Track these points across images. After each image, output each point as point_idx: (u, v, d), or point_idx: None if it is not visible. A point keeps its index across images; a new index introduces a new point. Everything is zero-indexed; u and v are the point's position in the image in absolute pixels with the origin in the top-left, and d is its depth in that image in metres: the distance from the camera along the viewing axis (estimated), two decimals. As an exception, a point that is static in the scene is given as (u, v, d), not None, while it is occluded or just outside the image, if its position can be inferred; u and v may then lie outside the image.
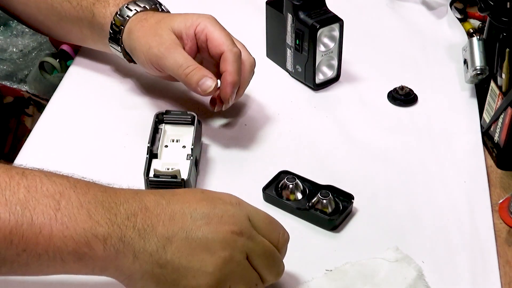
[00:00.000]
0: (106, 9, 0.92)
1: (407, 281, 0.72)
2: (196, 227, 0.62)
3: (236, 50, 0.85)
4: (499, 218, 0.79)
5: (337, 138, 0.93)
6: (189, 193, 0.66)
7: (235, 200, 0.66)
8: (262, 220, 0.67)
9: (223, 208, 0.64)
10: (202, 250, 0.62)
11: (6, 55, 1.94)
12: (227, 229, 0.63)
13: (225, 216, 0.64)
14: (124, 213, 0.62)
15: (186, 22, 0.87)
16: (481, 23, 1.16)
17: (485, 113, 0.93)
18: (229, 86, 0.84)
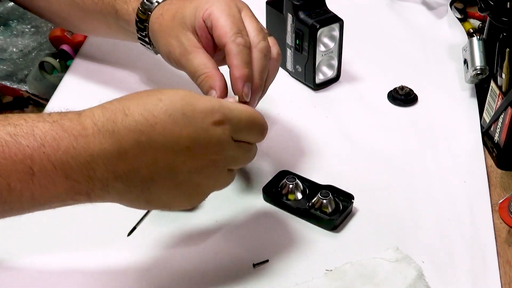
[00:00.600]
0: (128, 5, 0.87)
1: (407, 281, 0.72)
2: (181, 163, 0.63)
3: (240, 40, 0.75)
4: (499, 218, 0.79)
5: (337, 138, 0.93)
6: (171, 121, 0.63)
7: (218, 117, 0.65)
8: (245, 129, 0.68)
9: (207, 137, 0.64)
10: (187, 186, 0.65)
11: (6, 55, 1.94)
12: (211, 158, 0.65)
13: (209, 146, 0.64)
14: (102, 165, 0.61)
15: (195, 12, 0.79)
16: (481, 23, 1.16)
17: (485, 113, 0.93)
18: (238, 81, 0.75)
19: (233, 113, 0.66)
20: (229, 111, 0.65)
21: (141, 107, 0.62)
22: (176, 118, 0.62)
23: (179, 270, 0.74)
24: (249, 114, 0.67)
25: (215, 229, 0.79)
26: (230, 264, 0.75)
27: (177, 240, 0.78)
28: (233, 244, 0.77)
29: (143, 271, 0.74)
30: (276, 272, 0.74)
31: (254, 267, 0.74)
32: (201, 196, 0.69)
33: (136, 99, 0.63)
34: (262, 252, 0.76)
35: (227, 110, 0.65)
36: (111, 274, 0.73)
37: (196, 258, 0.76)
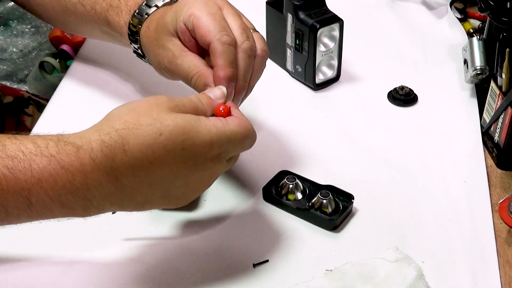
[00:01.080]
0: (120, 17, 0.86)
1: (407, 281, 0.72)
2: (175, 188, 0.66)
3: (225, 38, 0.73)
4: (499, 218, 0.79)
5: (337, 138, 0.93)
6: (170, 157, 0.64)
7: (217, 151, 0.67)
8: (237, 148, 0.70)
9: (204, 168, 0.66)
10: (178, 195, 0.68)
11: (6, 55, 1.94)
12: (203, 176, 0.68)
13: (205, 173, 0.67)
14: (99, 196, 0.63)
15: (176, 16, 0.77)
16: (481, 23, 1.16)
17: (485, 113, 0.93)
18: (222, 81, 0.73)
19: (230, 140, 0.67)
20: (227, 141, 0.67)
21: (140, 141, 0.62)
22: (175, 154, 0.64)
23: (179, 270, 0.74)
24: (243, 134, 0.68)
25: (215, 229, 0.79)
26: (230, 264, 0.75)
27: (177, 240, 0.77)
28: (233, 244, 0.77)
29: (143, 271, 0.74)
30: (276, 272, 0.74)
31: (254, 267, 0.74)
32: (193, 197, 0.71)
33: (135, 131, 0.63)
34: (262, 252, 0.76)
35: (225, 141, 0.66)
36: (111, 274, 0.73)
37: (196, 258, 0.76)
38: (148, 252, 0.76)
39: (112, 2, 0.87)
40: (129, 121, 0.63)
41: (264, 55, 0.78)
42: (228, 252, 0.76)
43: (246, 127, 0.69)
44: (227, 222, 0.80)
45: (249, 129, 0.69)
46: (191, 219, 0.80)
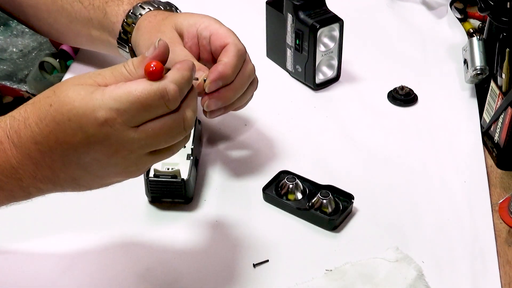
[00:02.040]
0: (120, 7, 0.89)
1: (407, 281, 0.72)
2: (91, 162, 0.62)
3: (241, 46, 0.78)
4: (499, 218, 0.79)
5: (337, 138, 0.93)
6: (60, 130, 0.61)
7: (102, 115, 0.60)
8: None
9: (100, 137, 0.61)
10: (111, 173, 0.64)
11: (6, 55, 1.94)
12: (118, 153, 0.62)
13: (108, 144, 0.61)
14: (25, 175, 0.63)
15: (190, 20, 0.82)
16: (481, 23, 1.16)
17: (485, 113, 0.93)
18: (215, 74, 0.74)
19: (119, 101, 0.60)
20: (114, 102, 0.60)
21: (36, 114, 0.62)
22: (64, 127, 0.61)
23: (179, 270, 0.74)
24: (139, 95, 0.60)
25: (215, 229, 0.79)
26: (230, 264, 0.75)
27: (177, 240, 0.78)
28: (233, 244, 0.77)
29: (143, 271, 0.74)
30: (276, 272, 0.74)
31: (254, 267, 0.74)
32: (137, 172, 0.66)
33: (36, 105, 0.62)
34: (262, 252, 0.76)
35: (111, 102, 0.60)
36: (111, 274, 0.73)
37: (196, 258, 0.76)
38: (148, 252, 0.76)
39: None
40: (39, 96, 0.63)
41: (256, 86, 0.83)
42: (228, 252, 0.76)
43: (145, 88, 0.60)
44: (227, 222, 0.80)
45: (149, 92, 0.60)
46: (191, 219, 0.80)
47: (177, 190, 0.79)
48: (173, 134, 0.63)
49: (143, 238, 0.78)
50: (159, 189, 0.80)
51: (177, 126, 0.62)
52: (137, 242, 0.77)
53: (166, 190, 0.80)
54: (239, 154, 0.90)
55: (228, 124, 0.94)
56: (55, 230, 0.78)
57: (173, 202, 0.81)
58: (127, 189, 0.84)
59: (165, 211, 0.81)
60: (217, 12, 1.21)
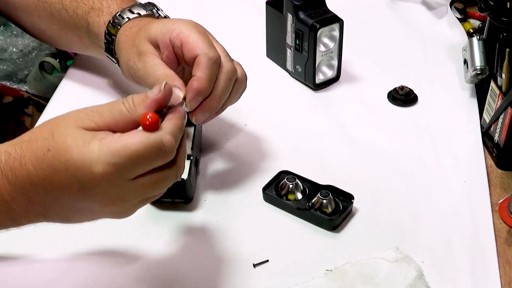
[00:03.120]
0: (100, 18, 0.88)
1: (407, 281, 0.72)
2: (84, 207, 0.63)
3: (212, 54, 0.74)
4: (499, 218, 0.79)
5: (337, 138, 0.93)
6: (57, 177, 0.61)
7: (99, 169, 0.60)
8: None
9: (95, 189, 0.61)
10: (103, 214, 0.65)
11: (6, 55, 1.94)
12: (112, 202, 0.63)
13: (102, 195, 0.62)
14: (18, 207, 0.63)
15: (162, 28, 0.78)
16: (481, 23, 1.16)
17: (485, 113, 0.93)
18: (192, 92, 0.73)
19: (117, 156, 0.59)
20: (111, 157, 0.59)
21: (33, 156, 0.61)
22: (61, 175, 0.61)
23: (179, 270, 0.74)
24: (137, 149, 0.59)
25: (215, 229, 0.79)
26: (230, 264, 0.75)
27: (177, 240, 0.78)
28: (233, 244, 0.77)
29: (143, 271, 0.74)
30: (276, 272, 0.74)
31: (254, 267, 0.74)
32: (127, 215, 0.66)
33: (33, 144, 0.62)
34: (262, 252, 0.76)
35: (108, 157, 0.59)
36: (111, 274, 0.73)
37: (196, 258, 0.76)
38: (148, 252, 0.76)
39: (94, 5, 0.90)
40: (35, 133, 0.63)
41: (244, 80, 0.80)
42: (228, 252, 0.76)
43: (143, 142, 0.60)
44: (227, 222, 0.80)
45: (147, 143, 0.60)
46: (191, 219, 0.80)
47: (177, 190, 0.79)
48: (168, 183, 0.64)
49: (143, 238, 0.78)
50: None
51: (172, 175, 0.63)
52: (137, 242, 0.77)
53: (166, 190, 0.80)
54: (239, 154, 0.90)
55: (228, 124, 0.94)
56: (55, 230, 0.78)
57: (173, 202, 0.81)
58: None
59: (165, 211, 0.81)
60: (218, 12, 1.22)
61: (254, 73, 1.05)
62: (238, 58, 1.08)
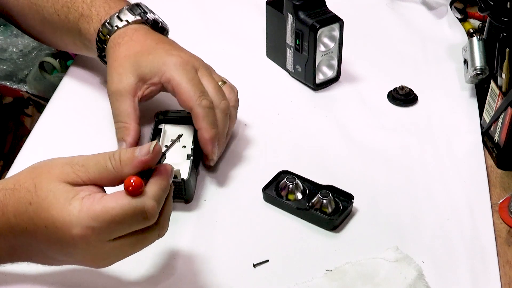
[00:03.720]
0: (90, 25, 0.90)
1: (407, 281, 0.72)
2: (62, 260, 0.65)
3: (205, 103, 0.81)
4: (499, 218, 0.79)
5: (337, 138, 0.93)
6: (37, 233, 0.62)
7: (78, 231, 0.60)
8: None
9: (74, 249, 0.62)
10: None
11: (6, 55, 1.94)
12: (92, 260, 0.64)
13: (82, 254, 0.63)
14: (5, 249, 0.65)
15: (152, 68, 0.83)
16: (481, 23, 1.16)
17: (485, 113, 0.93)
18: (208, 143, 0.81)
19: (96, 220, 0.59)
20: (90, 220, 0.59)
21: (15, 207, 0.62)
22: (41, 230, 0.61)
23: (179, 270, 0.74)
24: (117, 214, 0.59)
25: (215, 229, 0.79)
26: (230, 264, 0.75)
27: (177, 240, 0.77)
28: (233, 244, 0.77)
29: (143, 271, 0.74)
30: (276, 272, 0.74)
31: (254, 267, 0.74)
32: (105, 266, 0.66)
33: (16, 194, 0.62)
34: (262, 252, 0.76)
35: (87, 220, 0.59)
36: (110, 274, 0.73)
37: (196, 258, 0.76)
38: (148, 252, 0.76)
39: (83, 11, 0.91)
40: (20, 181, 0.63)
41: (236, 105, 0.86)
42: (228, 252, 0.76)
43: (123, 208, 0.59)
44: (227, 222, 0.80)
45: (127, 208, 0.60)
46: (191, 219, 0.80)
47: (177, 190, 0.79)
48: (148, 243, 0.64)
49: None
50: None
51: (154, 236, 0.63)
52: (137, 242, 0.77)
53: None
54: (239, 154, 0.90)
55: (228, 124, 0.94)
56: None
57: (173, 202, 0.81)
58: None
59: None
60: (218, 12, 1.22)
61: (254, 73, 1.06)
62: (238, 58, 1.09)
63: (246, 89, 0.98)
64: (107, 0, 0.91)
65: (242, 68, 1.06)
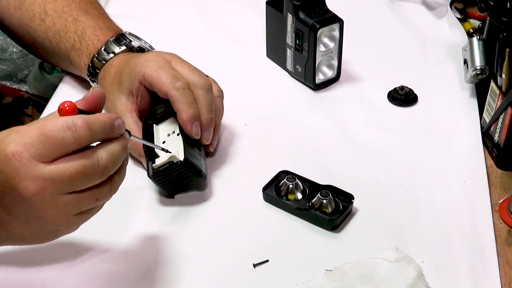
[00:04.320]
0: (80, 59, 0.92)
1: (407, 281, 0.72)
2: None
3: (178, 84, 0.81)
4: (499, 218, 0.79)
5: (337, 138, 0.93)
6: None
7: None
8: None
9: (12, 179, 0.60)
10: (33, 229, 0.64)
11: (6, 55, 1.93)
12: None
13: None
14: None
15: (130, 76, 0.85)
16: (481, 23, 1.16)
17: (485, 113, 0.93)
18: (187, 123, 0.80)
19: (27, 136, 0.59)
20: (22, 137, 0.59)
21: None
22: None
23: (179, 270, 0.74)
24: (47, 127, 0.59)
25: (215, 229, 0.79)
26: (230, 264, 0.75)
27: (177, 240, 0.77)
28: (233, 244, 0.77)
29: (142, 270, 0.74)
30: (276, 272, 0.74)
31: (254, 267, 0.74)
32: (68, 231, 0.66)
33: None
34: (262, 252, 0.76)
35: (19, 137, 0.59)
36: (111, 274, 0.73)
37: (196, 258, 0.76)
38: (148, 252, 0.76)
39: (75, 44, 0.93)
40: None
41: (221, 95, 0.86)
42: (228, 252, 0.76)
43: (53, 122, 0.60)
44: (227, 222, 0.80)
45: (57, 124, 0.60)
46: (191, 219, 0.80)
47: (183, 176, 0.80)
48: (89, 174, 0.61)
49: (143, 238, 0.78)
50: (166, 180, 0.80)
51: (91, 165, 0.61)
52: (137, 242, 0.77)
53: (173, 178, 0.80)
54: (239, 154, 0.90)
55: (228, 124, 0.94)
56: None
57: (188, 186, 0.82)
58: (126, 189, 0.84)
59: (165, 212, 0.81)
60: (218, 12, 1.22)
61: (254, 73, 1.06)
62: (238, 58, 1.09)
63: (246, 89, 0.98)
64: (96, 31, 0.93)
65: (242, 68, 1.06)
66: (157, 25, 1.14)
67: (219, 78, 0.88)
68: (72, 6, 0.95)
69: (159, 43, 0.97)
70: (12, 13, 0.97)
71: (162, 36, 1.07)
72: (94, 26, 0.93)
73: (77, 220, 0.65)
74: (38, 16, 0.95)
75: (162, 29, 1.13)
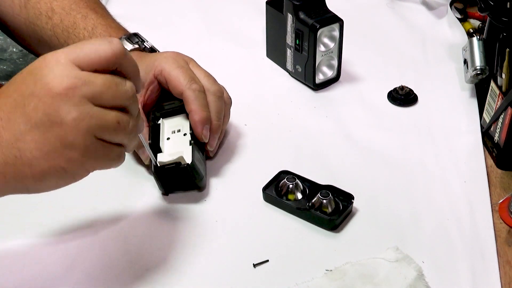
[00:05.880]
0: None
1: (407, 281, 0.72)
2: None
3: (195, 86, 0.83)
4: (499, 218, 0.79)
5: (337, 138, 0.93)
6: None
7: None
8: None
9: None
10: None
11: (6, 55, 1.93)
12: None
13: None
14: None
15: (146, 68, 0.85)
16: (481, 23, 1.16)
17: (485, 113, 0.93)
18: (198, 125, 0.82)
19: (70, 48, 0.62)
20: (68, 50, 0.61)
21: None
22: (17, 77, 0.63)
23: (179, 270, 0.74)
24: (91, 45, 0.61)
25: (215, 229, 0.79)
26: (230, 264, 0.75)
27: (177, 240, 0.78)
28: (233, 244, 0.77)
29: (142, 270, 0.74)
30: (276, 272, 0.74)
31: (254, 267, 0.74)
32: (83, 173, 0.64)
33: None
34: (262, 252, 0.76)
35: (66, 50, 0.61)
36: (111, 273, 0.73)
37: (196, 258, 0.76)
38: (148, 252, 0.76)
39: (85, 39, 0.91)
40: None
41: (229, 102, 0.88)
42: (228, 252, 0.76)
43: (100, 44, 0.62)
44: (227, 222, 0.80)
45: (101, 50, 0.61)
46: (191, 219, 0.80)
47: (187, 177, 0.80)
48: (117, 91, 0.62)
49: (143, 238, 0.78)
50: (168, 178, 0.81)
51: (120, 83, 0.62)
52: (137, 242, 0.77)
53: (175, 178, 0.81)
54: (239, 154, 0.90)
55: (228, 124, 0.94)
56: (55, 230, 0.78)
57: (186, 188, 0.82)
58: (127, 189, 0.84)
59: (165, 212, 0.81)
60: (218, 12, 1.22)
61: (254, 73, 1.06)
62: (238, 58, 1.09)
63: (246, 89, 0.98)
64: (108, 28, 0.92)
65: (242, 68, 1.06)
66: (157, 25, 1.15)
67: (219, 78, 0.88)
68: (80, 4, 0.95)
69: (159, 43, 0.97)
70: (17, 12, 0.97)
71: (162, 36, 1.07)
72: (104, 24, 0.93)
73: (91, 149, 0.61)
74: (45, 14, 0.95)
75: (162, 29, 1.14)
